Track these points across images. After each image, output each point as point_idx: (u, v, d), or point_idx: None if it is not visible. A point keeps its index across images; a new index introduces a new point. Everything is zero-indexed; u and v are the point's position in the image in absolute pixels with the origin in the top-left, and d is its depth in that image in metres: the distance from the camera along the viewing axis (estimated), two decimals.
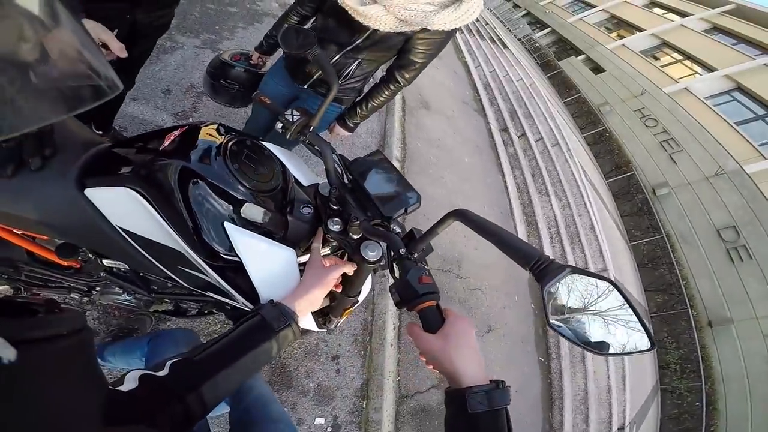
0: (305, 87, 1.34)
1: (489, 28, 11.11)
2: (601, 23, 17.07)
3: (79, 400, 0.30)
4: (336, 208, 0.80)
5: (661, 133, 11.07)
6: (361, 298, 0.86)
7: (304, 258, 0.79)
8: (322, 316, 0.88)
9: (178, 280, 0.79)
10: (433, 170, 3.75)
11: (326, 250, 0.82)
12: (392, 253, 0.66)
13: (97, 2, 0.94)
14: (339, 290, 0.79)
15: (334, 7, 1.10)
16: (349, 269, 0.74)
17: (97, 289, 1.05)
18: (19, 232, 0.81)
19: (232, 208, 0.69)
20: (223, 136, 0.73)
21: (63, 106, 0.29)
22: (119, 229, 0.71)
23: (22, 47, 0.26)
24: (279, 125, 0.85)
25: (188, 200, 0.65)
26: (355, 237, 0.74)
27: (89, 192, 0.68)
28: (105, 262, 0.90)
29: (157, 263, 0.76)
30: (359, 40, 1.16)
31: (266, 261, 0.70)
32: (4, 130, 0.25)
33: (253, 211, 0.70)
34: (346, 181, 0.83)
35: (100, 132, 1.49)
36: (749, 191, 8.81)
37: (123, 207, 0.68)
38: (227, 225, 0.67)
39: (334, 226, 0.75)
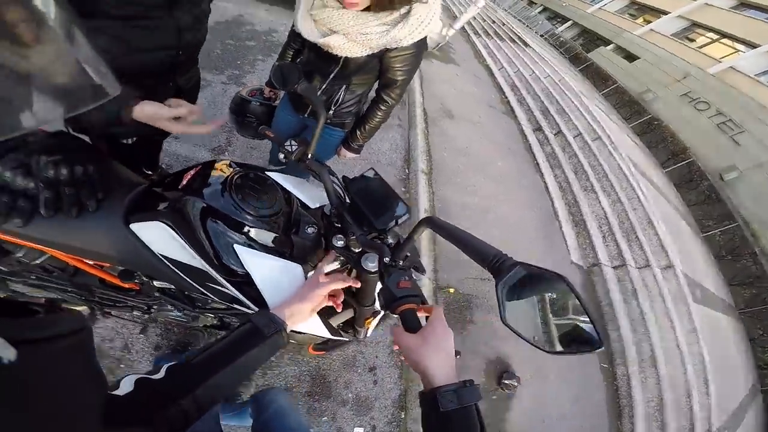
0: (306, 116, 1.43)
1: (507, 28, 10.86)
2: (623, 10, 16.23)
3: (78, 400, 0.31)
4: (338, 225, 0.89)
5: (716, 115, 10.13)
6: (378, 306, 0.92)
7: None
8: (351, 327, 0.96)
9: (210, 295, 0.92)
10: (461, 179, 3.72)
11: (336, 265, 0.89)
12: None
13: (144, 78, 0.98)
14: (338, 305, 0.84)
15: (311, 41, 1.18)
16: (341, 285, 0.79)
17: (155, 307, 1.23)
18: (90, 262, 1.00)
19: (239, 233, 0.80)
20: (231, 170, 0.86)
21: (59, 107, 0.29)
22: (160, 256, 0.86)
23: (18, 49, 0.26)
24: (281, 155, 0.95)
25: (206, 229, 0.78)
26: (356, 251, 0.82)
27: (134, 226, 0.82)
28: (156, 283, 1.05)
29: (192, 282, 0.90)
30: (336, 69, 1.22)
31: (273, 276, 0.80)
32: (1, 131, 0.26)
33: (260, 236, 0.81)
34: (347, 200, 0.90)
35: (150, 171, 1.60)
36: None
37: (159, 237, 0.81)
38: (237, 247, 0.79)
39: (338, 242, 0.84)
